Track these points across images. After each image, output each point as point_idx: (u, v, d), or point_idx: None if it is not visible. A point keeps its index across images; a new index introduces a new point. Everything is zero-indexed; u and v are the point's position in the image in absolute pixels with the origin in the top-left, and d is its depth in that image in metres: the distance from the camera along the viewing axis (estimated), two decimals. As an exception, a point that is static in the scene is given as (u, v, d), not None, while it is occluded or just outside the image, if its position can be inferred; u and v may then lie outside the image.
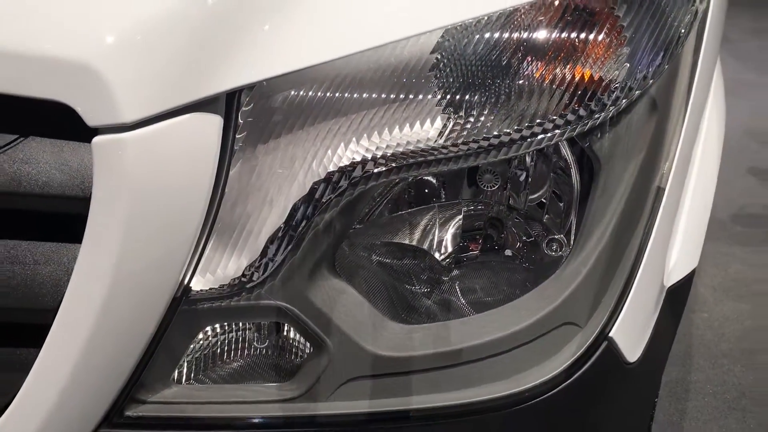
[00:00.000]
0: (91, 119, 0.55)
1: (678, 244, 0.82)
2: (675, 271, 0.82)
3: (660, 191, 0.74)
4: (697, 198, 0.86)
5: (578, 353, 0.69)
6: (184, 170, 0.59)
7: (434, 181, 0.76)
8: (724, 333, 2.02)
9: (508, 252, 0.74)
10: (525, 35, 0.64)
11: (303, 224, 0.62)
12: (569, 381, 0.69)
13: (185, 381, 0.68)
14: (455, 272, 0.74)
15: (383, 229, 0.72)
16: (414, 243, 0.73)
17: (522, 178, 0.73)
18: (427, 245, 0.73)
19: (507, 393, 0.68)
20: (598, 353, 0.70)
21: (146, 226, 0.59)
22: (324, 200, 0.63)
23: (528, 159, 0.73)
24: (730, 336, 2.00)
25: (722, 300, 2.13)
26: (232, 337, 0.69)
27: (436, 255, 0.73)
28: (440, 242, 0.74)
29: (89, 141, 0.57)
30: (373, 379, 0.66)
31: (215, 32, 0.57)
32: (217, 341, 0.69)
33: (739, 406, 1.75)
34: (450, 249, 0.73)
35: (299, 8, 0.61)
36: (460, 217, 0.74)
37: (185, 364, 0.68)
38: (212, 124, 0.59)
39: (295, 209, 0.62)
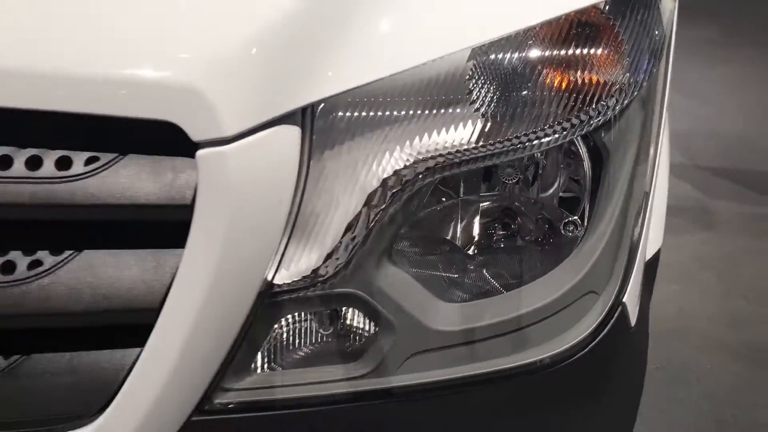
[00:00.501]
0: (195, 135, 0.62)
1: (652, 224, 0.94)
2: (650, 247, 0.94)
3: (651, 177, 0.85)
4: (660, 184, 0.98)
5: (599, 318, 0.80)
6: (272, 177, 0.66)
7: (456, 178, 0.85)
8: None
9: (529, 236, 0.84)
10: (541, 49, 0.74)
11: (369, 221, 0.70)
12: (593, 343, 0.79)
13: (263, 368, 0.74)
14: (484, 257, 0.83)
15: (421, 222, 0.81)
16: (447, 234, 0.82)
17: (539, 170, 0.83)
18: (457, 235, 0.82)
19: (544, 356, 0.77)
20: (614, 318, 0.81)
21: (241, 229, 0.65)
22: (385, 198, 0.71)
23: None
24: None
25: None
26: (301, 326, 0.76)
27: (466, 243, 0.82)
28: (468, 232, 0.83)
29: (187, 155, 0.63)
30: (432, 352, 0.75)
31: (297, 55, 0.65)
32: (288, 330, 0.75)
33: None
34: (477, 237, 0.83)
35: (358, 32, 0.69)
36: (484, 208, 0.83)
37: (264, 352, 0.74)
38: (293, 134, 0.66)
39: (361, 208, 0.70)
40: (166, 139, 0.63)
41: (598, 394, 0.84)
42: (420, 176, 0.72)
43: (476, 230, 0.83)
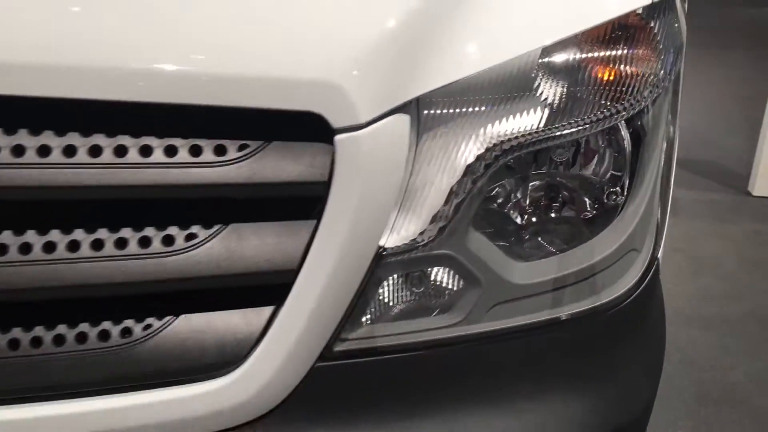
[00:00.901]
0: (335, 123, 0.74)
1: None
2: None
3: (674, 152, 1.00)
4: None
5: (641, 271, 0.95)
6: (390, 157, 0.79)
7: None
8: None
9: (578, 206, 0.98)
10: (592, 48, 0.88)
11: (461, 194, 0.84)
12: (638, 291, 0.94)
13: (372, 321, 0.87)
14: (541, 225, 0.97)
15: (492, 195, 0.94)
16: (511, 206, 0.96)
17: (583, 150, 0.97)
18: (521, 206, 0.96)
19: (599, 303, 0.92)
20: (652, 270, 0.96)
21: (367, 201, 0.78)
22: (473, 175, 0.84)
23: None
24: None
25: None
26: (401, 284, 0.89)
27: (526, 213, 0.96)
28: (528, 203, 0.97)
29: (325, 140, 0.76)
30: (511, 302, 0.88)
31: (414, 52, 0.78)
32: (392, 288, 0.88)
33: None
34: (536, 208, 0.97)
35: (453, 32, 0.82)
36: (539, 184, 0.97)
37: (372, 307, 0.87)
38: (406, 122, 0.79)
39: (454, 184, 0.83)
40: (308, 127, 0.75)
41: (641, 333, 0.99)
42: (499, 156, 0.85)
43: (534, 201, 0.97)
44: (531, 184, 0.97)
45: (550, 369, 0.92)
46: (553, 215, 0.96)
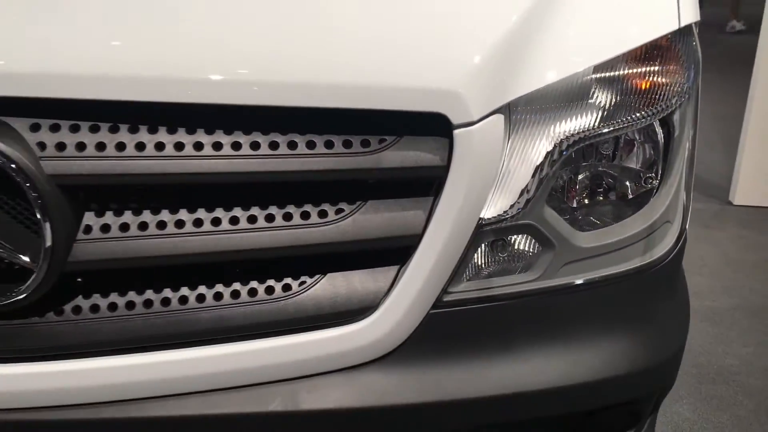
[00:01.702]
0: (455, 120, 0.97)
1: None
2: None
3: (694, 144, 1.24)
4: None
5: (674, 239, 1.18)
6: (492, 147, 1.01)
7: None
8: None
9: (621, 189, 1.21)
10: (634, 64, 1.11)
11: (539, 177, 1.06)
12: (672, 255, 1.17)
13: (470, 277, 1.09)
14: (591, 206, 1.19)
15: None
16: (570, 187, 1.18)
17: (623, 143, 1.20)
18: (578, 187, 1.19)
19: (644, 263, 1.15)
20: (682, 238, 1.19)
21: (475, 181, 1.00)
22: (548, 163, 1.07)
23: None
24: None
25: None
26: (491, 248, 1.11)
27: (581, 195, 1.19)
28: (581, 186, 1.19)
29: (444, 135, 0.98)
30: (577, 261, 1.11)
31: (508, 67, 1.01)
32: (485, 251, 1.10)
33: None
34: (588, 189, 1.19)
35: (531, 48, 1.04)
36: (591, 172, 1.20)
37: (471, 266, 1.09)
38: (501, 120, 1.02)
39: (535, 169, 1.06)
40: (433, 124, 0.98)
41: (675, 289, 1.22)
42: (565, 149, 1.08)
43: (589, 183, 1.20)
44: (587, 170, 1.20)
45: (610, 314, 1.14)
46: (602, 195, 1.19)
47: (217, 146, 0.96)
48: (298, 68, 0.94)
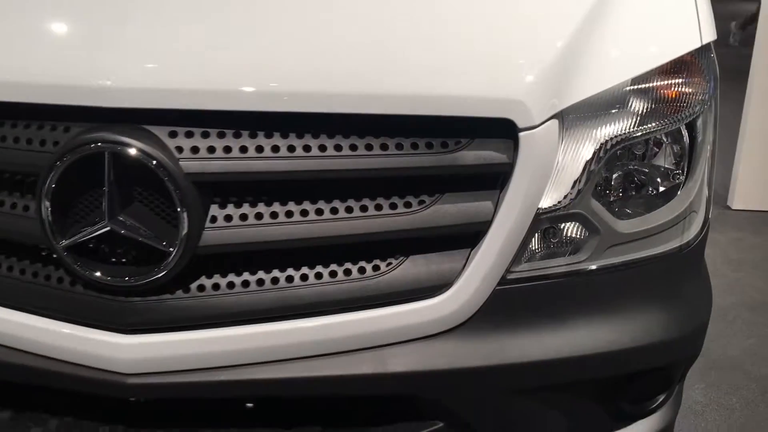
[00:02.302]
0: (521, 125, 1.14)
1: None
2: None
3: (714, 146, 1.42)
4: None
5: (700, 225, 1.36)
6: (550, 147, 1.18)
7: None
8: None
9: (651, 184, 1.39)
10: (664, 76, 1.29)
11: (586, 173, 1.24)
12: (699, 238, 1.35)
13: (528, 258, 1.26)
14: (626, 198, 1.36)
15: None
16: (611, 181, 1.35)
17: (652, 145, 1.38)
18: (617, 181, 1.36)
19: (675, 246, 1.32)
20: (707, 225, 1.37)
21: (536, 176, 1.17)
22: (594, 161, 1.24)
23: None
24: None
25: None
26: (545, 234, 1.28)
27: (617, 189, 1.36)
28: (617, 182, 1.36)
29: (510, 137, 1.15)
30: (619, 245, 1.28)
31: (561, 80, 1.18)
32: (540, 236, 1.27)
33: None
34: (624, 186, 1.37)
35: (577, 59, 1.22)
36: (625, 170, 1.37)
37: (528, 249, 1.26)
38: (556, 125, 1.19)
39: (583, 166, 1.23)
40: (501, 128, 1.15)
41: (701, 269, 1.39)
42: (609, 149, 1.26)
43: (622, 180, 1.37)
44: (624, 168, 1.37)
45: (646, 290, 1.31)
46: (636, 189, 1.37)
47: (322, 148, 1.13)
48: (401, 83, 1.12)
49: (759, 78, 4.17)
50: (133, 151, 1.07)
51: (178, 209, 1.09)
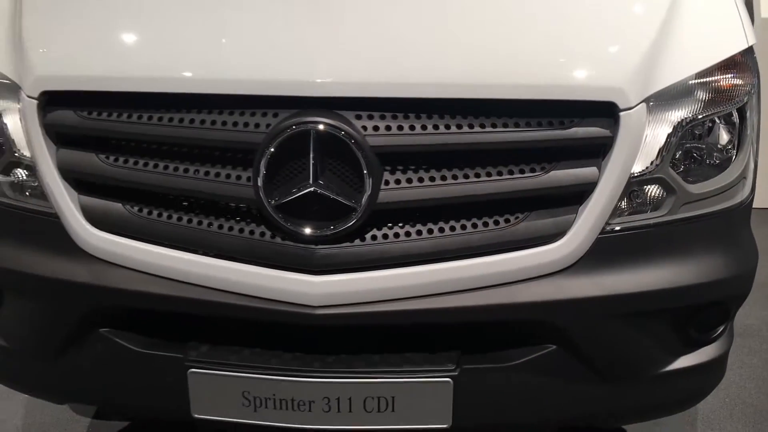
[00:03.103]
0: (621, 106, 1.47)
1: None
2: None
3: (758, 127, 1.75)
4: None
5: (749, 189, 1.69)
6: (640, 125, 1.50)
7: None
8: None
9: (708, 158, 1.71)
10: (719, 72, 1.61)
11: (665, 146, 1.55)
12: (747, 201, 1.68)
13: (621, 213, 1.57)
14: (696, 167, 1.67)
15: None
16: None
17: (715, 124, 1.70)
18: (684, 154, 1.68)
19: (725, 207, 1.65)
20: (753, 190, 1.70)
21: (630, 147, 1.50)
22: (668, 138, 1.56)
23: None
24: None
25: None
26: (634, 194, 1.60)
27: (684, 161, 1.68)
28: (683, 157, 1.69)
29: (611, 117, 1.48)
30: (690, 203, 1.59)
31: (648, 70, 1.51)
32: (630, 196, 1.59)
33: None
34: (690, 158, 1.69)
35: (663, 59, 1.55)
36: (687, 147, 1.69)
37: (623, 205, 1.58)
38: (644, 107, 1.51)
39: (662, 141, 1.55)
40: (605, 109, 1.47)
41: (748, 226, 1.72)
42: (680, 128, 1.58)
43: (690, 153, 1.68)
44: (691, 143, 1.68)
45: (711, 238, 1.64)
46: (701, 160, 1.69)
47: (470, 126, 1.45)
48: (533, 76, 1.45)
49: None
50: (333, 130, 1.39)
51: (365, 173, 1.41)
